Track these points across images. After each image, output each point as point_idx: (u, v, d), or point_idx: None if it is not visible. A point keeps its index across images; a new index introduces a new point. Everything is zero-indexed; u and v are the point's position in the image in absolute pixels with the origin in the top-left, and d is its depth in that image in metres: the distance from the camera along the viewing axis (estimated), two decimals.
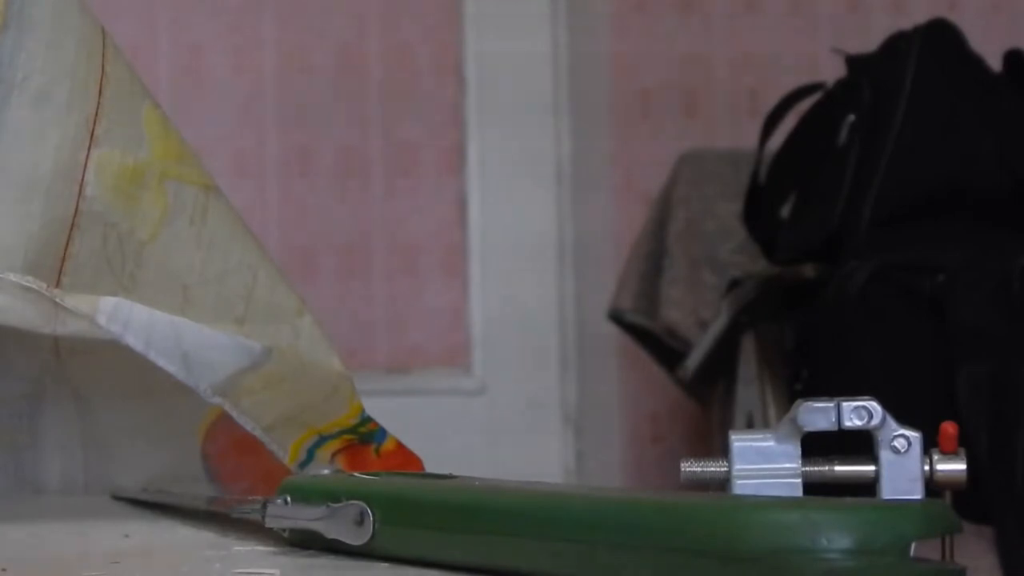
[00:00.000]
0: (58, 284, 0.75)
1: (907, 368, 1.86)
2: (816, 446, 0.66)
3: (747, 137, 2.45)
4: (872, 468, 0.65)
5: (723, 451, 0.64)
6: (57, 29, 0.77)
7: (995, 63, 2.09)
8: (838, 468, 0.65)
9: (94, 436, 0.89)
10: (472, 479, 0.63)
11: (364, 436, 0.82)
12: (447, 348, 2.93)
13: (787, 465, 0.64)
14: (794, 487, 0.64)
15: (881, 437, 0.64)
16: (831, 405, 0.64)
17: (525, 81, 2.93)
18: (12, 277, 0.74)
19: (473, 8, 2.93)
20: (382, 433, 0.83)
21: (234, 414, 0.78)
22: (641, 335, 2.57)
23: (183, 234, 0.78)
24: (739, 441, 0.64)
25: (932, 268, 1.87)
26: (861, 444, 0.65)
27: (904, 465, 0.64)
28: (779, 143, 2.20)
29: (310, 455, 0.81)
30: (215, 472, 0.87)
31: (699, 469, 0.65)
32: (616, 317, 2.58)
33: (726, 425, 2.28)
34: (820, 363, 2.00)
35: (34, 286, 0.74)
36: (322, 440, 0.81)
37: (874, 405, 0.64)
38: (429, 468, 0.78)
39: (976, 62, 2.08)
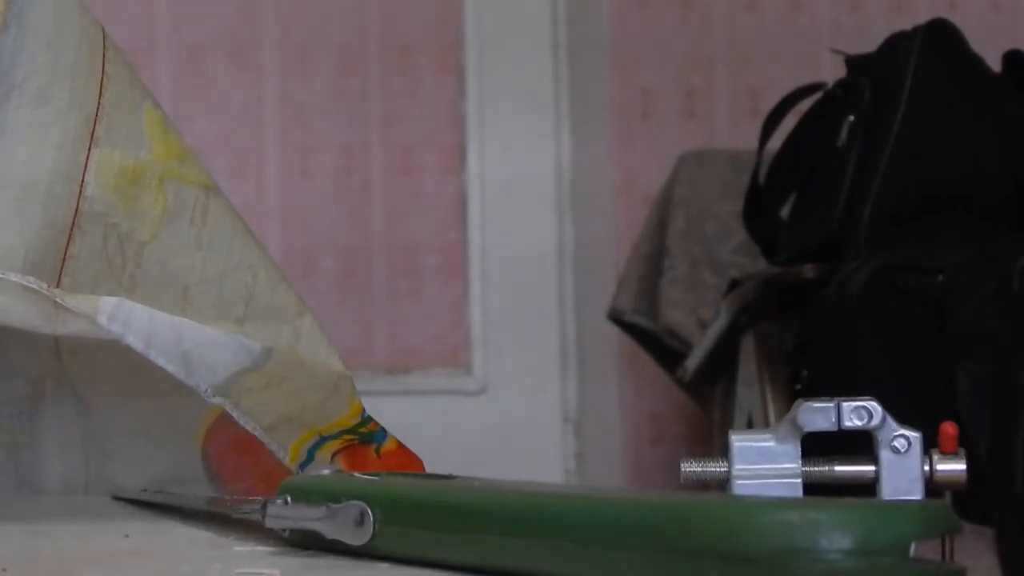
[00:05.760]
0: (59, 284, 0.75)
1: (907, 368, 1.86)
2: (816, 446, 0.66)
3: (747, 137, 2.45)
4: (872, 468, 0.65)
5: (723, 451, 0.64)
6: (57, 29, 0.77)
7: (995, 63, 2.09)
8: (838, 468, 0.65)
9: (94, 436, 0.89)
10: (472, 479, 0.63)
11: (364, 436, 0.82)
12: (447, 348, 2.93)
13: (787, 465, 0.64)
14: (794, 487, 0.64)
15: (881, 437, 0.64)
16: (831, 405, 0.64)
17: (525, 81, 2.93)
18: (13, 277, 0.74)
19: (473, 8, 2.93)
20: (382, 433, 0.83)
21: (234, 414, 0.78)
22: (641, 335, 2.57)
23: (183, 234, 0.78)
24: (739, 441, 0.64)
25: (932, 268, 1.87)
26: (861, 444, 0.65)
27: (904, 465, 0.64)
28: (779, 143, 2.20)
29: (310, 455, 0.81)
30: (215, 472, 0.87)
31: (699, 469, 0.65)
32: (616, 317, 2.58)
33: (726, 425, 2.28)
34: (820, 363, 1.99)
35: (35, 286, 0.74)
36: (322, 440, 0.81)
37: (874, 405, 0.64)
38: (429, 468, 0.78)
39: (976, 62, 2.08)
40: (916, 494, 0.64)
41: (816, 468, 0.65)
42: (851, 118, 2.07)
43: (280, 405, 0.79)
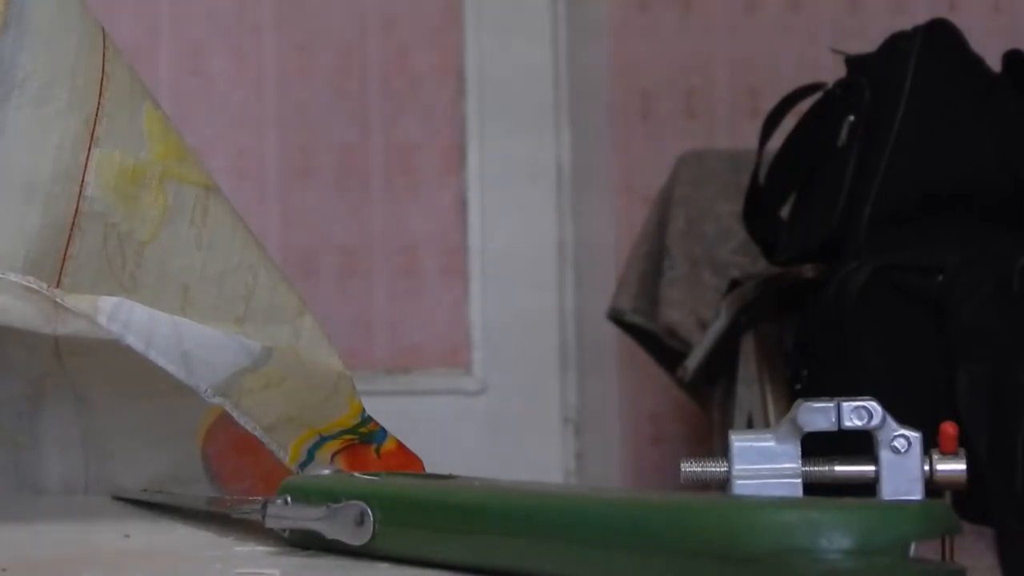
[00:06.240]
0: (59, 284, 0.75)
1: (907, 368, 1.86)
2: (816, 446, 0.66)
3: (747, 137, 2.45)
4: (872, 468, 0.65)
5: (723, 451, 0.64)
6: (57, 29, 0.77)
7: (995, 63, 2.09)
8: (838, 468, 0.65)
9: (94, 436, 0.89)
10: (472, 479, 0.63)
11: (364, 436, 0.82)
12: (447, 348, 2.93)
13: (787, 465, 0.64)
14: (794, 487, 0.64)
15: (881, 437, 0.64)
16: (831, 405, 0.64)
17: (525, 81, 2.93)
18: (13, 277, 0.74)
19: (473, 9, 2.93)
20: (382, 433, 0.83)
21: (235, 414, 0.78)
22: (641, 335, 2.57)
23: (183, 234, 0.78)
24: (739, 441, 0.64)
25: (932, 268, 1.87)
26: (861, 444, 0.65)
27: (904, 465, 0.64)
28: (779, 143, 2.20)
29: (310, 455, 0.81)
30: (215, 472, 0.87)
31: (699, 469, 0.65)
32: (616, 317, 2.58)
33: (726, 425, 2.28)
34: (820, 363, 2.00)
35: (35, 286, 0.74)
36: (322, 440, 0.81)
37: (874, 405, 0.64)
38: (429, 468, 0.78)
39: (976, 62, 2.08)
40: (916, 494, 0.64)
41: (816, 468, 0.65)
42: (851, 118, 2.07)
43: (280, 405, 0.79)
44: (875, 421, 0.64)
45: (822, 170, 2.11)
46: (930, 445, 0.65)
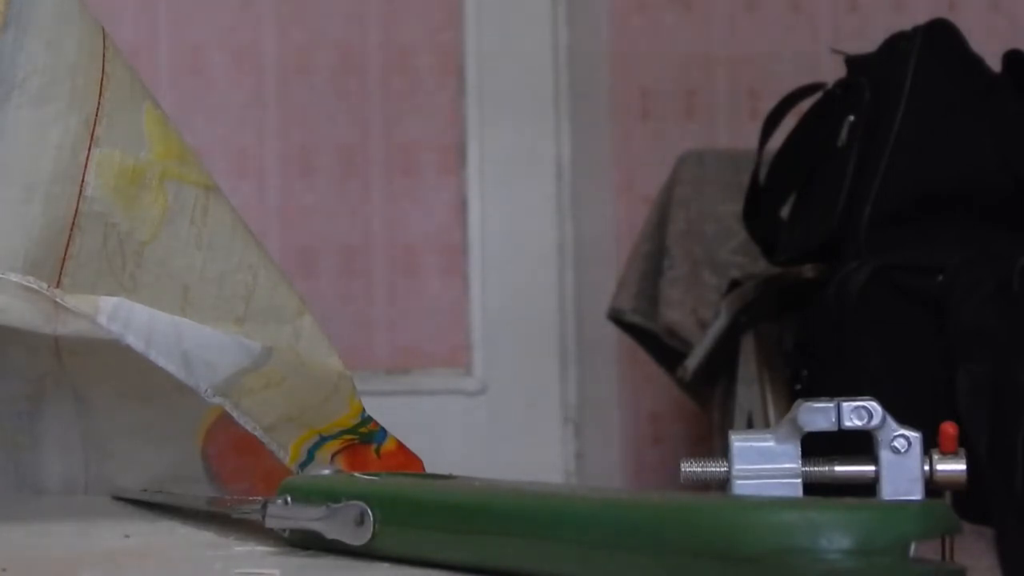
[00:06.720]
0: (59, 284, 0.75)
1: (907, 368, 1.86)
2: (816, 446, 0.66)
3: (747, 137, 2.45)
4: (872, 468, 0.65)
5: (723, 451, 0.64)
6: (57, 29, 0.77)
7: (995, 63, 2.09)
8: (838, 468, 0.65)
9: (94, 436, 0.89)
10: (472, 479, 0.63)
11: (364, 436, 0.82)
12: (447, 348, 2.93)
13: (787, 465, 0.64)
14: (794, 487, 0.64)
15: (881, 437, 0.64)
16: (831, 405, 0.64)
17: (525, 81, 2.93)
18: (13, 277, 0.74)
19: (473, 8, 2.93)
20: (382, 433, 0.83)
21: (235, 414, 0.78)
22: (641, 335, 2.57)
23: (183, 234, 0.78)
24: (739, 441, 0.64)
25: (932, 268, 1.87)
26: (861, 444, 0.65)
27: (904, 465, 0.64)
28: (779, 143, 2.20)
29: (310, 455, 0.81)
30: (215, 472, 0.87)
31: (699, 469, 0.65)
32: (616, 317, 2.58)
33: (726, 425, 2.29)
34: (820, 363, 2.00)
35: (35, 286, 0.74)
36: (322, 440, 0.81)
37: (874, 405, 0.64)
38: (429, 468, 0.78)
39: (976, 62, 2.08)
40: (916, 494, 0.64)
41: (816, 468, 0.65)
42: (851, 118, 2.07)
43: (280, 405, 0.79)
44: (875, 421, 0.64)
45: (822, 170, 2.11)
46: (930, 445, 0.65)
